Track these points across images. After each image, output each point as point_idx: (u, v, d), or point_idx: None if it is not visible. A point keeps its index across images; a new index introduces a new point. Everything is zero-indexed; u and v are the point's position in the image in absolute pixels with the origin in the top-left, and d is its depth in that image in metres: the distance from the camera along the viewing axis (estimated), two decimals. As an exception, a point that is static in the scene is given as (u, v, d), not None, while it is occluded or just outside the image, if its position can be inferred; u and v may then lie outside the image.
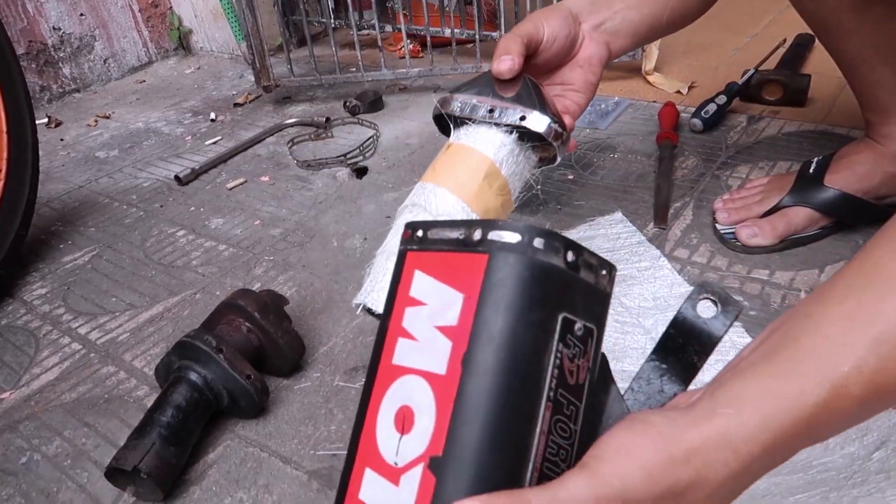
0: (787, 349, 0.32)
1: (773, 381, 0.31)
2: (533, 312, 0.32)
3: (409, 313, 0.35)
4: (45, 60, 1.64)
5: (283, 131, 1.35)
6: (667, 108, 1.15)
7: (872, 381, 0.30)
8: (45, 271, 0.98)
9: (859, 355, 0.31)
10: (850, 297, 0.32)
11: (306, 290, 0.87)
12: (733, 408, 0.31)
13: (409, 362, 0.34)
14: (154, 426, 0.61)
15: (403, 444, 0.33)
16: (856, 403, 0.31)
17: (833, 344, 0.31)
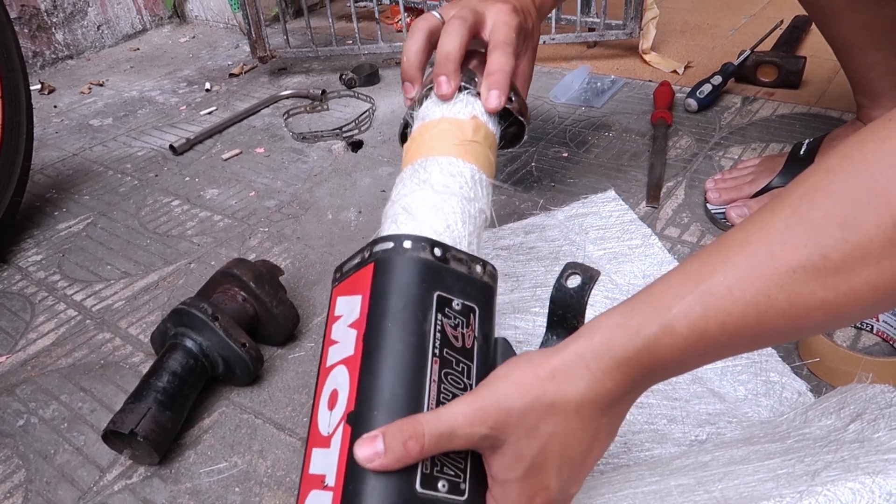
0: (640, 294, 0.39)
1: (620, 316, 0.38)
2: (410, 292, 0.41)
3: (334, 327, 0.44)
4: (38, 25, 1.62)
5: (278, 103, 1.35)
6: (662, 87, 1.16)
7: (696, 326, 0.36)
8: (39, 238, 0.99)
9: (687, 302, 0.37)
10: (697, 257, 0.38)
11: (301, 262, 0.87)
12: (587, 335, 0.39)
13: (333, 359, 0.42)
14: (150, 391, 0.62)
15: (332, 416, 0.40)
16: (681, 342, 0.37)
17: (670, 291, 0.38)
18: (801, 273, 0.35)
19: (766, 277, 0.35)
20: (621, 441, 0.58)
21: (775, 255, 0.35)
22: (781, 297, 0.35)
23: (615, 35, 1.36)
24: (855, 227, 0.34)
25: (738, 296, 0.36)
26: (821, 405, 0.53)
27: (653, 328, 0.37)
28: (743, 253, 0.36)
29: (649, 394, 0.62)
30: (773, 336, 0.38)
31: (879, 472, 0.41)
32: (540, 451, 0.38)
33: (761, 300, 0.35)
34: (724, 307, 0.36)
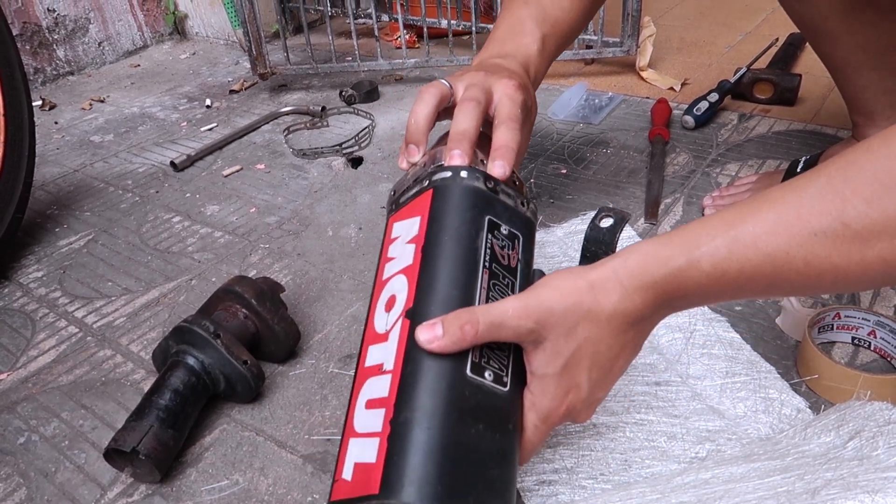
0: (678, 229, 0.44)
1: (654, 245, 0.44)
2: (464, 213, 0.47)
3: (391, 248, 0.49)
4: (40, 42, 1.63)
5: (278, 119, 1.36)
6: (659, 104, 1.17)
7: (718, 266, 0.41)
8: (40, 254, 0.99)
9: (715, 244, 0.42)
10: (736, 206, 0.43)
11: (301, 279, 0.88)
12: (622, 257, 0.44)
13: (390, 272, 0.47)
14: (152, 409, 0.63)
15: (390, 316, 0.45)
16: (703, 278, 0.42)
17: (704, 231, 0.42)
18: (822, 237, 0.39)
19: (790, 235, 0.40)
20: (622, 458, 0.58)
21: (802, 218, 0.40)
22: (799, 255, 0.40)
23: (612, 52, 1.37)
24: (879, 204, 0.38)
25: (761, 247, 0.40)
26: (820, 422, 0.54)
27: (681, 261, 0.42)
28: (774, 209, 0.41)
29: (649, 411, 0.62)
30: (783, 288, 0.43)
31: (879, 491, 0.41)
32: (575, 351, 0.43)
33: (780, 255, 0.40)
34: (746, 254, 0.41)
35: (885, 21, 0.72)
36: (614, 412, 0.63)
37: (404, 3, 1.53)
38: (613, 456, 0.59)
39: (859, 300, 0.75)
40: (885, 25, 0.72)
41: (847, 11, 0.73)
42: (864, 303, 0.74)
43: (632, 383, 0.65)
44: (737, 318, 0.73)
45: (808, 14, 0.78)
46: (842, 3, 0.72)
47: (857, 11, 0.72)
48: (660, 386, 0.65)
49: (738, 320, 0.73)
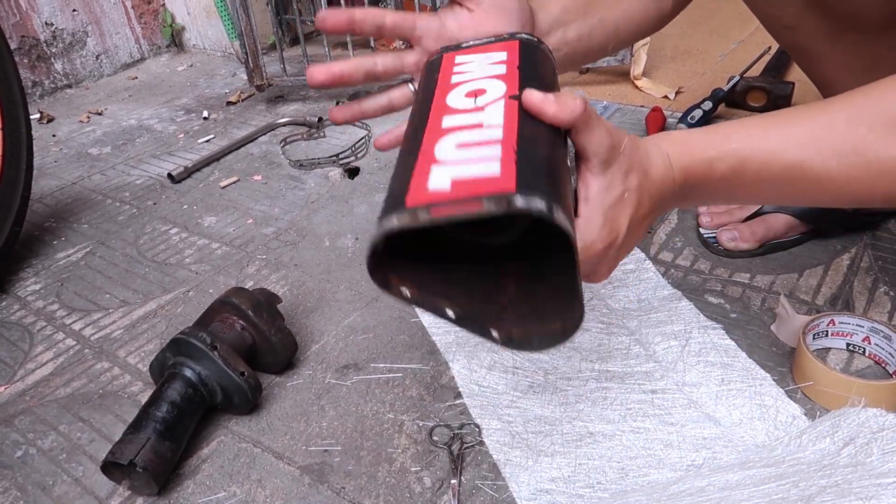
0: (718, 125, 0.49)
1: (694, 133, 0.48)
2: (548, 65, 0.47)
3: (458, 69, 0.47)
4: (38, 56, 1.64)
5: (275, 130, 1.36)
6: (654, 112, 1.18)
7: (741, 161, 0.47)
8: (38, 267, 0.99)
9: (745, 144, 0.47)
10: (775, 114, 0.49)
11: (298, 289, 0.88)
12: (666, 139, 0.48)
13: (470, 77, 0.45)
14: (149, 421, 0.63)
15: (479, 99, 0.43)
16: (727, 172, 0.47)
17: (741, 131, 0.48)
18: (839, 158, 0.45)
19: (814, 150, 0.46)
20: (618, 467, 0.59)
21: (828, 137, 0.45)
22: (815, 170, 0.46)
23: (607, 61, 1.38)
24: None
25: (786, 156, 0.46)
26: (815, 429, 0.54)
27: (712, 152, 0.47)
28: (808, 123, 0.47)
29: (645, 419, 0.63)
30: (792, 197, 0.51)
31: (872, 497, 0.42)
32: (625, 192, 0.45)
33: (796, 166, 0.46)
34: (767, 160, 0.46)
35: (867, 42, 0.72)
36: (611, 420, 0.63)
37: (400, 14, 1.54)
38: (610, 464, 0.59)
39: (853, 307, 0.75)
40: (868, 46, 0.73)
41: (832, 34, 0.73)
42: (858, 309, 0.75)
43: (628, 391, 0.66)
44: (732, 325, 0.73)
45: (795, 37, 0.78)
46: (827, 26, 0.72)
47: (841, 34, 0.73)
48: (656, 394, 0.65)
49: (734, 327, 0.73)
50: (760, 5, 0.78)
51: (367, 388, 0.72)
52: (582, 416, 0.64)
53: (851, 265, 0.81)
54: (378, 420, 0.68)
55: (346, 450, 0.65)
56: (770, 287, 0.79)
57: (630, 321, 0.74)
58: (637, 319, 0.74)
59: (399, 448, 0.64)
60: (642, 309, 0.76)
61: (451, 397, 0.69)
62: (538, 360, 0.71)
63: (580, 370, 0.69)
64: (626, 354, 0.70)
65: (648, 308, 0.76)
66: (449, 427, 0.65)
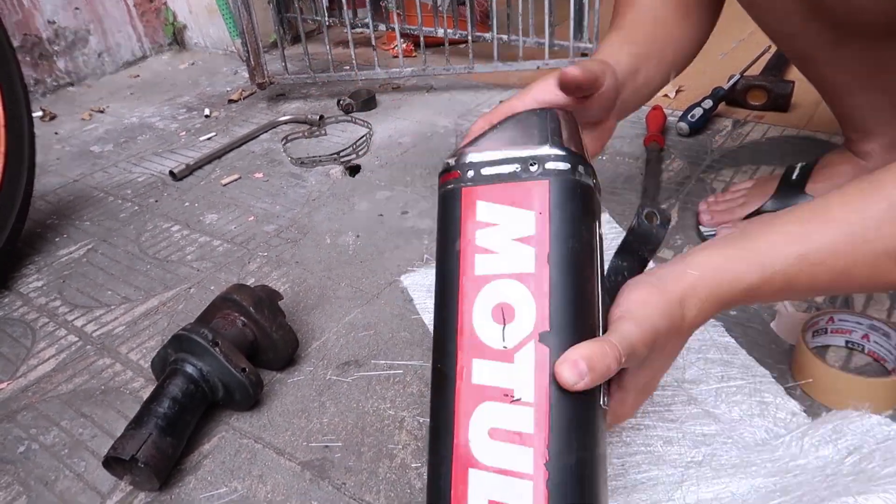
0: (743, 240, 0.45)
1: (725, 258, 0.45)
2: (586, 219, 0.42)
3: (481, 234, 0.42)
4: (40, 54, 1.64)
5: (276, 128, 1.36)
6: (654, 111, 1.18)
7: (789, 283, 0.44)
8: (40, 264, 1.00)
9: (788, 263, 0.44)
10: (798, 219, 0.46)
11: (300, 286, 0.88)
12: (698, 271, 0.44)
13: (495, 270, 0.42)
14: (151, 417, 0.63)
15: (508, 331, 0.40)
16: (773, 293, 0.45)
17: (773, 249, 0.44)
18: (885, 257, 0.44)
19: (856, 255, 0.44)
20: (619, 463, 0.59)
21: (868, 240, 0.44)
22: (864, 273, 0.44)
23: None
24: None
25: (830, 265, 0.44)
26: (817, 432, 0.54)
27: (754, 278, 0.44)
28: (840, 229, 0.44)
29: (645, 415, 0.63)
30: (840, 292, 0.51)
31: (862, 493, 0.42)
32: (662, 365, 0.45)
33: (844, 273, 0.44)
34: (815, 273, 0.44)
35: (870, 48, 0.72)
36: (610, 417, 0.63)
37: (401, 13, 1.55)
38: (610, 461, 0.59)
39: (853, 304, 0.75)
40: (871, 52, 0.72)
41: (835, 42, 0.72)
42: (857, 307, 0.75)
43: (628, 388, 0.66)
44: (732, 322, 0.74)
45: (797, 45, 0.78)
46: (829, 34, 0.72)
47: (845, 41, 0.72)
48: (656, 390, 0.65)
49: (734, 325, 0.73)
50: (762, 15, 0.78)
51: (367, 384, 0.72)
52: (582, 412, 0.64)
53: (851, 263, 0.81)
54: (379, 416, 0.68)
55: (346, 446, 0.65)
56: (770, 285, 0.79)
57: (630, 318, 0.74)
58: (637, 317, 0.74)
59: (400, 444, 0.65)
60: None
61: (452, 394, 0.69)
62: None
63: (580, 367, 0.69)
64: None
65: (648, 305, 0.76)
66: (449, 423, 0.66)
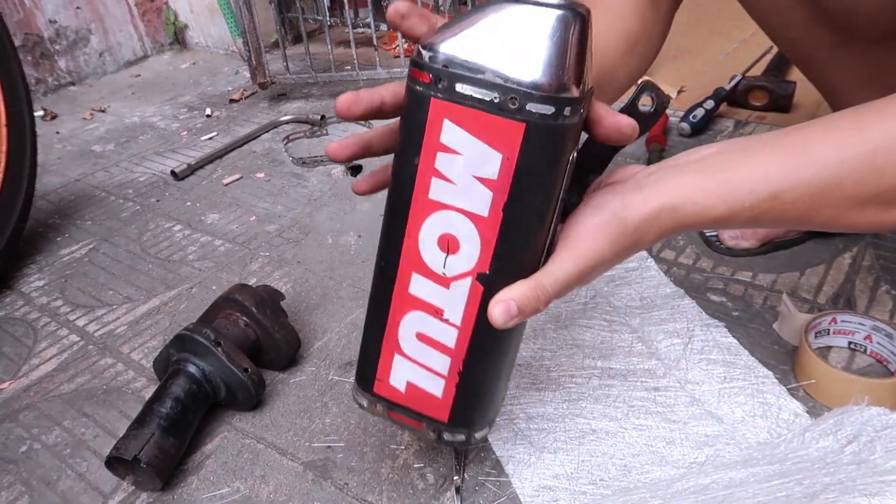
0: (719, 168, 0.45)
1: (699, 188, 0.44)
2: (559, 164, 0.39)
3: (442, 158, 0.40)
4: (41, 53, 1.64)
5: (278, 128, 1.36)
6: (656, 111, 1.18)
7: (753, 219, 0.44)
8: (42, 263, 0.99)
9: (757, 200, 0.43)
10: (776, 154, 0.44)
11: (302, 286, 0.88)
12: (670, 201, 0.43)
13: (448, 200, 0.41)
14: (153, 417, 0.63)
15: (450, 261, 0.42)
16: (739, 223, 0.45)
17: (747, 183, 0.44)
18: (853, 201, 0.43)
19: (826, 198, 0.43)
20: (621, 464, 0.59)
21: (841, 185, 0.43)
22: (829, 214, 0.44)
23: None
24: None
25: (799, 205, 0.43)
26: (818, 427, 0.54)
27: (721, 210, 0.43)
28: (816, 172, 0.43)
29: (648, 416, 0.63)
30: (797, 227, 0.54)
31: (876, 494, 0.42)
32: (602, 271, 0.45)
33: (810, 211, 0.44)
34: (783, 210, 0.44)
35: (873, 51, 0.72)
36: (614, 417, 0.63)
37: (403, 13, 1.54)
38: (613, 461, 0.59)
39: (855, 305, 0.75)
40: (874, 55, 0.72)
41: (836, 44, 0.73)
42: (860, 308, 0.75)
43: (631, 389, 0.66)
44: (734, 323, 0.74)
45: (799, 48, 0.78)
46: (832, 37, 0.72)
47: (847, 44, 0.72)
48: (658, 391, 0.65)
49: (736, 325, 0.73)
50: (764, 18, 0.78)
51: (370, 384, 0.72)
52: (584, 413, 0.64)
53: (853, 264, 0.81)
54: (381, 417, 0.68)
55: (349, 446, 0.65)
56: (772, 285, 0.80)
57: (632, 319, 0.74)
58: (639, 317, 0.75)
59: (402, 444, 0.65)
60: (645, 307, 0.76)
61: (454, 394, 0.69)
62: (541, 357, 0.71)
63: (583, 367, 0.69)
64: (628, 352, 0.70)
65: (651, 306, 0.76)
66: (452, 424, 0.66)
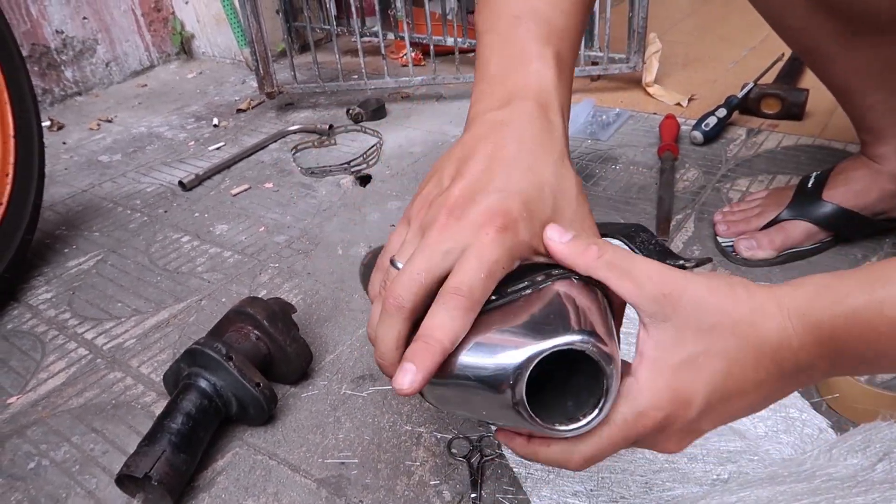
0: (854, 269, 0.36)
1: (829, 278, 0.35)
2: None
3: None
4: (48, 63, 1.64)
5: (286, 138, 1.36)
6: (667, 120, 1.17)
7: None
8: (50, 276, 0.99)
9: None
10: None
11: (312, 298, 0.87)
12: (790, 284, 0.36)
13: None
14: (164, 433, 0.62)
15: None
16: (886, 324, 0.33)
17: (886, 272, 0.34)
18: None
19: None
20: (642, 481, 0.57)
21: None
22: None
23: (619, 68, 1.37)
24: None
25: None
26: (845, 443, 0.53)
27: (860, 299, 0.34)
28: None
29: (668, 431, 0.61)
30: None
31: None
32: (702, 355, 0.35)
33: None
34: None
35: (881, 44, 0.71)
36: (633, 433, 0.62)
37: (410, 22, 1.54)
38: (634, 478, 0.58)
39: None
40: (882, 49, 0.72)
41: (842, 35, 0.72)
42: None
43: (649, 403, 0.65)
44: (753, 335, 0.72)
45: (804, 39, 0.77)
46: (836, 26, 0.71)
47: (856, 36, 0.71)
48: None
49: (755, 338, 0.72)
50: (766, 9, 0.77)
51: (383, 398, 0.71)
52: (603, 428, 0.63)
53: (873, 274, 0.80)
54: (395, 432, 0.67)
55: (363, 462, 0.64)
56: (790, 297, 0.78)
57: (649, 331, 0.73)
58: (656, 330, 0.73)
59: (417, 461, 0.63)
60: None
61: (469, 409, 0.68)
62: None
63: (600, 381, 0.68)
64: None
65: (668, 318, 0.75)
66: (468, 439, 0.64)
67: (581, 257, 0.38)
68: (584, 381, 0.37)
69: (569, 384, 0.39)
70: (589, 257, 0.37)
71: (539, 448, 0.39)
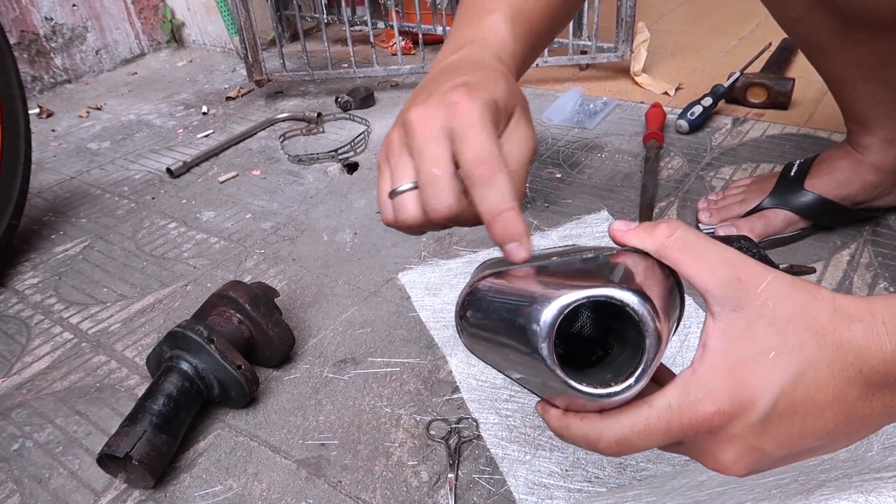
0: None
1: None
2: None
3: None
4: (37, 51, 1.63)
5: (274, 126, 1.36)
6: (654, 108, 1.17)
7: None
8: (36, 261, 0.99)
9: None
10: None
11: (296, 284, 0.88)
12: (883, 296, 0.32)
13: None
14: (145, 414, 0.62)
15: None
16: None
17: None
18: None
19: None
20: (616, 462, 0.58)
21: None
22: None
23: (607, 58, 1.38)
24: None
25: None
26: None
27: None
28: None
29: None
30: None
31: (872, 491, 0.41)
32: (774, 350, 0.31)
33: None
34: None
35: (877, 40, 0.72)
36: (609, 415, 0.63)
37: (400, 10, 1.54)
38: (608, 459, 0.59)
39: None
40: (878, 44, 0.72)
41: (840, 30, 0.73)
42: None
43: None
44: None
45: (803, 31, 0.78)
46: (836, 21, 0.72)
47: (851, 31, 0.72)
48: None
49: (733, 323, 0.73)
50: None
51: (364, 382, 0.71)
52: (580, 410, 0.63)
53: (851, 261, 0.81)
54: (375, 414, 0.67)
55: (343, 444, 0.65)
56: (769, 283, 0.79)
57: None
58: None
59: (396, 442, 0.64)
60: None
61: (449, 391, 0.69)
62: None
63: (578, 365, 0.68)
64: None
65: (647, 303, 0.76)
66: (446, 421, 0.65)
67: (650, 238, 0.35)
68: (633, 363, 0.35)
69: (621, 369, 0.36)
70: (659, 236, 0.35)
71: (572, 421, 0.36)
